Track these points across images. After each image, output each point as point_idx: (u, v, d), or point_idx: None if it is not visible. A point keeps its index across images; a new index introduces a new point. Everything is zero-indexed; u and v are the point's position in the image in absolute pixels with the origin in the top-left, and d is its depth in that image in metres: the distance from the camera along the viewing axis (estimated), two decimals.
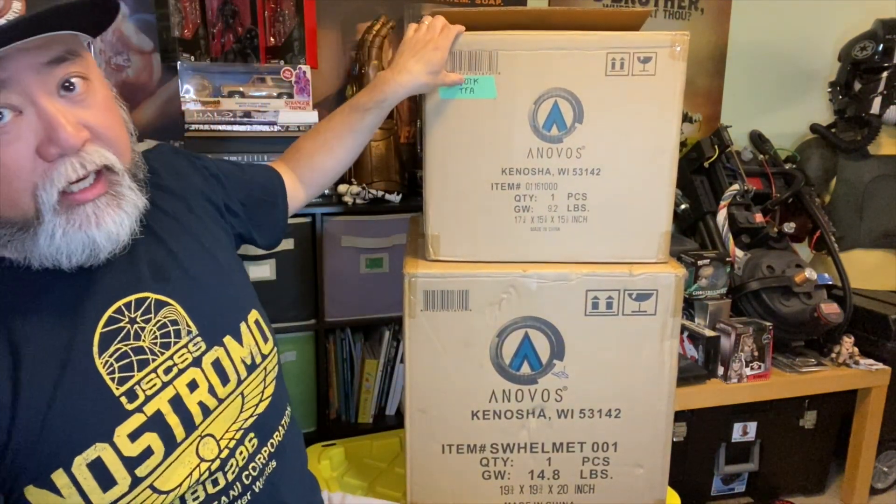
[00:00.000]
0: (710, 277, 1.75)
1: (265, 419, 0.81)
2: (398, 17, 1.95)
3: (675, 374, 1.10)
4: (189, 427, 0.70)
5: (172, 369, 0.71)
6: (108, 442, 0.64)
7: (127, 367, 0.67)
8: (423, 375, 1.09)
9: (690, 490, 1.84)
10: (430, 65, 0.97)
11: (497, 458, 1.13)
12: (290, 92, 1.67)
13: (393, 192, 1.75)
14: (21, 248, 0.61)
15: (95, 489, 0.63)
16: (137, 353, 0.68)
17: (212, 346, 0.75)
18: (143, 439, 0.66)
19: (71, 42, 0.61)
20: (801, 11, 2.37)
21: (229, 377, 0.76)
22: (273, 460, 0.81)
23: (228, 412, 0.75)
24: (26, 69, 0.57)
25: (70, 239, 0.60)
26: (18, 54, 0.56)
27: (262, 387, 0.81)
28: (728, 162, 2.02)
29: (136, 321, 0.69)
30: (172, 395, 0.69)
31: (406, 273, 1.05)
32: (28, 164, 0.58)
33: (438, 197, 1.07)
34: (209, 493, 0.72)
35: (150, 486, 0.66)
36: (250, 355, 0.79)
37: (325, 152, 1.05)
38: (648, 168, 1.04)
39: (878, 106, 2.15)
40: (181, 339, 0.72)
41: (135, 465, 0.65)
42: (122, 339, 0.67)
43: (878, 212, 2.22)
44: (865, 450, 1.89)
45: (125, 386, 0.66)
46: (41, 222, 0.59)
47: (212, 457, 0.72)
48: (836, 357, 1.82)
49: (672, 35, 0.99)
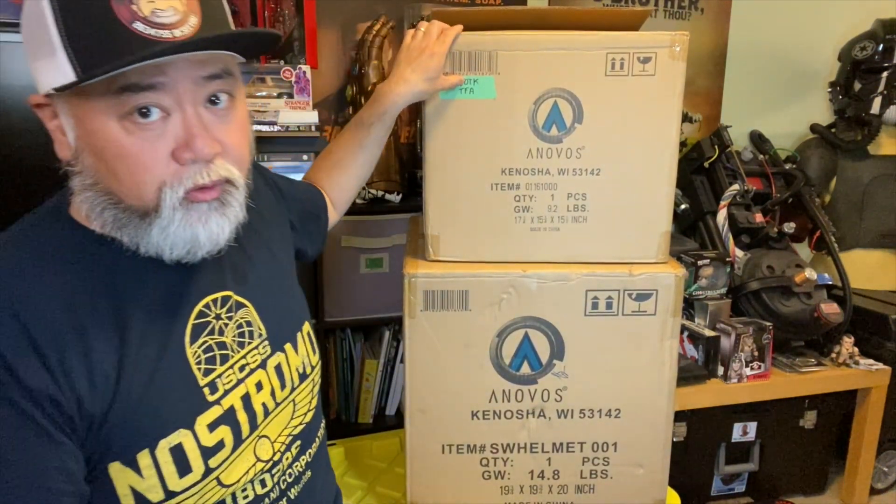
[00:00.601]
0: (710, 277, 1.75)
1: (308, 428, 0.84)
2: (398, 17, 1.95)
3: (675, 374, 1.10)
4: (252, 426, 0.74)
5: (245, 368, 0.75)
6: (190, 429, 0.67)
7: (211, 360, 0.71)
8: (423, 375, 1.09)
9: (690, 490, 1.84)
10: (426, 72, 0.98)
11: (497, 458, 1.13)
12: (290, 92, 1.67)
13: (393, 192, 1.76)
14: (134, 234, 0.65)
15: (173, 474, 0.66)
16: (220, 347, 0.72)
17: (275, 350, 0.79)
18: (218, 431, 0.70)
19: (229, 62, 0.66)
20: (801, 11, 2.37)
21: (286, 383, 0.80)
22: (309, 470, 0.84)
23: (282, 417, 0.79)
24: (185, 79, 0.62)
25: (179, 234, 0.64)
26: (182, 64, 0.62)
27: (310, 397, 0.85)
28: (728, 162, 2.03)
29: (220, 317, 0.74)
30: (244, 393, 0.73)
31: (406, 273, 1.05)
32: (162, 163, 0.63)
33: (438, 197, 1.07)
34: (257, 494, 0.75)
35: (217, 479, 0.70)
36: (303, 365, 0.83)
37: (340, 170, 1.09)
38: (648, 168, 1.04)
39: (878, 106, 2.15)
40: (254, 341, 0.77)
41: (209, 455, 0.69)
42: (208, 333, 0.72)
43: (878, 212, 2.22)
44: (865, 450, 1.89)
45: (209, 378, 0.70)
46: (159, 215, 0.64)
47: (266, 457, 0.76)
48: (836, 357, 1.82)
49: (672, 35, 0.99)
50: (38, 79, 0.64)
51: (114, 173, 0.63)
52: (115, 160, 0.62)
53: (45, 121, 0.66)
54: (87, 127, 0.62)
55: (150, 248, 0.65)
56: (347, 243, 1.72)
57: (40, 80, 0.63)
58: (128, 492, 0.65)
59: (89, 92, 0.60)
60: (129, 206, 0.64)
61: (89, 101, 0.61)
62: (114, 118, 0.61)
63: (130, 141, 0.62)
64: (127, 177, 0.63)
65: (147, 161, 0.62)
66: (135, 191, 0.63)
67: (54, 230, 0.68)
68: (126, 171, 0.63)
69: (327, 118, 1.95)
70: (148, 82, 0.61)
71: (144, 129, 0.62)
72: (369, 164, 1.11)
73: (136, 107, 0.61)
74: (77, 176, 0.65)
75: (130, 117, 0.61)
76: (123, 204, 0.64)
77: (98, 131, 0.62)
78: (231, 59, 0.67)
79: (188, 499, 0.68)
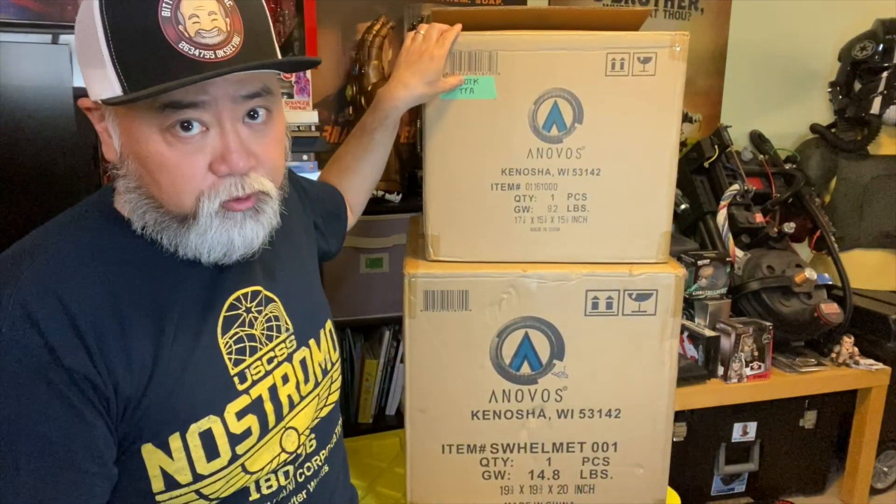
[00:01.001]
0: (710, 277, 1.75)
1: (327, 424, 0.87)
2: (398, 17, 1.95)
3: (675, 374, 1.10)
4: (278, 417, 0.76)
5: (273, 360, 0.78)
6: (220, 416, 0.70)
7: (241, 351, 0.74)
8: (423, 375, 1.09)
9: (690, 490, 1.84)
10: (425, 76, 0.99)
11: (497, 458, 1.13)
12: (290, 92, 1.67)
13: (393, 192, 1.76)
14: (173, 238, 0.68)
15: (202, 458, 0.69)
16: (250, 339, 0.76)
17: (301, 345, 0.82)
18: (246, 420, 0.73)
19: (268, 80, 0.69)
20: (801, 11, 2.37)
21: (310, 378, 0.83)
22: (327, 465, 0.86)
23: (307, 410, 0.82)
24: (225, 97, 0.65)
25: (216, 238, 0.68)
26: (222, 83, 0.64)
27: (329, 393, 0.87)
28: (728, 162, 2.03)
29: (251, 311, 0.77)
30: (271, 385, 0.76)
31: (406, 273, 1.05)
32: (200, 174, 0.66)
33: (438, 197, 1.07)
34: (280, 485, 0.78)
35: (242, 465, 0.72)
36: (325, 361, 0.86)
37: (350, 175, 1.12)
38: (648, 168, 1.04)
39: (878, 106, 2.15)
40: (281, 335, 0.80)
41: (237, 442, 0.71)
42: (239, 325, 0.75)
43: (878, 212, 2.22)
44: (865, 450, 1.89)
45: (238, 367, 0.73)
46: (196, 222, 0.67)
47: (291, 449, 0.79)
48: (836, 357, 1.82)
49: (672, 35, 0.99)
50: (88, 84, 0.66)
51: (156, 181, 0.66)
52: (157, 169, 0.66)
53: (94, 122, 0.70)
54: (131, 136, 0.66)
55: (188, 251, 0.69)
56: (347, 243, 1.70)
57: (91, 87, 0.66)
58: (158, 472, 0.67)
59: (135, 105, 0.63)
60: (169, 211, 0.67)
61: (135, 113, 0.64)
62: (156, 131, 0.64)
63: (171, 153, 0.65)
64: (168, 185, 0.66)
65: (186, 172, 0.66)
66: (175, 199, 0.67)
67: (98, 223, 0.71)
68: (167, 180, 0.66)
69: (327, 118, 1.95)
70: (190, 100, 0.63)
71: (185, 143, 0.65)
72: (378, 168, 1.14)
73: (178, 121, 0.64)
74: (122, 179, 0.68)
75: (172, 130, 0.64)
76: (164, 209, 0.67)
77: (141, 142, 0.65)
78: (271, 77, 0.70)
79: (215, 482, 0.70)
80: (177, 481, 0.68)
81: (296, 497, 0.81)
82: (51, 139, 1.39)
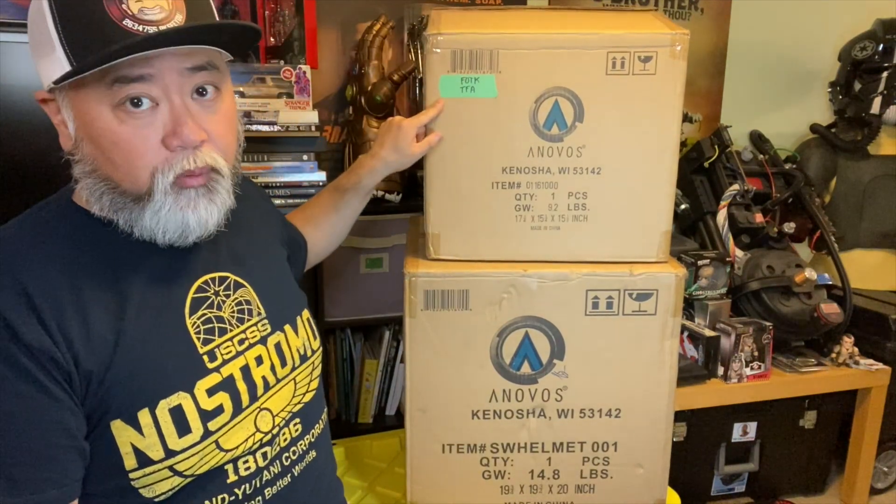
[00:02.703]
0: (710, 277, 1.75)
1: (310, 409, 0.88)
2: (398, 17, 1.95)
3: (675, 374, 1.10)
4: (252, 397, 0.78)
5: (244, 342, 0.79)
6: (190, 392, 0.72)
7: (210, 332, 0.76)
8: (423, 375, 1.09)
9: (690, 490, 1.83)
10: (394, 142, 1.05)
11: (497, 457, 1.13)
12: (290, 92, 1.67)
13: (393, 192, 1.75)
14: (129, 217, 0.70)
15: (173, 434, 0.70)
16: (219, 321, 0.77)
17: (275, 329, 0.84)
18: (217, 397, 0.74)
19: (213, 55, 0.71)
20: (801, 11, 2.37)
21: (286, 361, 0.84)
22: (312, 450, 0.87)
23: (283, 393, 0.83)
24: (171, 70, 0.67)
25: (169, 218, 0.69)
26: (168, 56, 0.66)
27: (309, 379, 0.88)
28: (728, 162, 2.02)
29: (219, 294, 0.79)
30: (243, 365, 0.78)
31: (406, 272, 1.05)
32: (153, 149, 0.68)
33: (439, 196, 1.07)
34: (259, 466, 0.79)
35: (216, 442, 0.73)
36: (303, 347, 0.88)
37: (313, 226, 1.14)
38: (648, 167, 1.04)
39: (878, 106, 2.15)
40: (252, 318, 0.81)
41: (208, 419, 0.72)
42: (207, 307, 0.77)
43: (878, 212, 2.22)
44: (865, 450, 1.89)
45: (208, 347, 0.75)
46: (151, 199, 0.69)
47: (266, 429, 0.79)
48: (836, 357, 1.82)
49: (672, 34, 0.99)
50: (42, 75, 0.68)
51: (110, 160, 0.68)
52: (110, 147, 0.67)
53: (50, 115, 0.72)
54: (84, 117, 0.68)
55: (143, 232, 0.70)
56: (347, 243, 1.72)
57: (43, 77, 0.68)
58: (129, 449, 0.68)
59: (85, 84, 0.66)
60: (125, 191, 0.69)
61: (86, 92, 0.66)
62: (107, 108, 0.66)
63: (123, 129, 0.67)
64: (122, 163, 0.68)
65: (139, 148, 0.67)
66: (130, 176, 0.68)
67: (56, 212, 0.73)
68: (121, 157, 0.68)
69: (327, 118, 1.95)
70: (137, 73, 0.65)
71: (136, 118, 0.67)
72: (340, 229, 1.18)
73: (127, 97, 0.66)
74: (78, 164, 0.70)
75: (122, 107, 0.66)
76: (119, 188, 0.69)
77: (94, 121, 0.67)
78: (216, 54, 0.72)
79: (188, 458, 0.71)
80: (149, 457, 0.69)
81: (281, 480, 0.81)
82: (51, 139, 1.39)
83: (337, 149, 1.95)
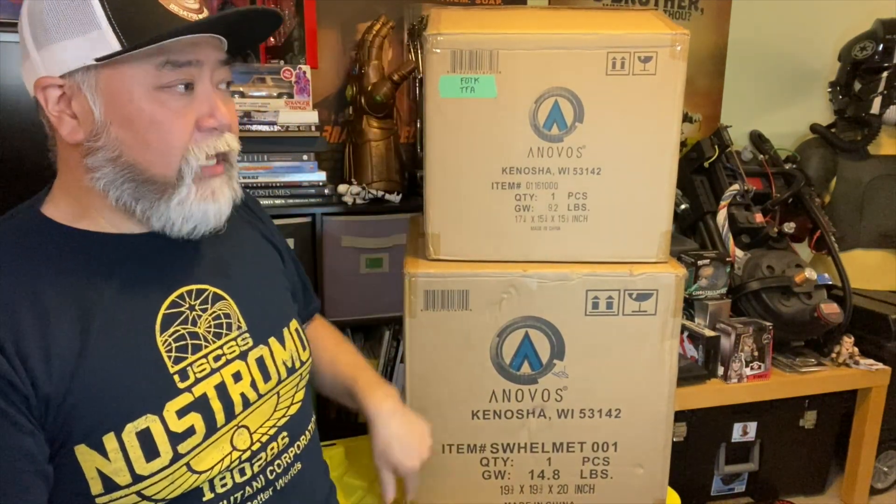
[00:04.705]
0: (710, 277, 1.75)
1: (295, 421, 0.85)
2: (398, 17, 1.95)
3: (675, 374, 1.10)
4: (229, 415, 0.75)
5: (221, 358, 0.76)
6: (158, 415, 0.69)
7: (182, 349, 0.73)
8: (423, 375, 1.09)
9: (690, 490, 1.83)
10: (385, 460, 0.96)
11: (497, 457, 1.13)
12: (290, 92, 1.67)
13: (393, 192, 1.75)
14: (148, 206, 0.70)
15: (140, 458, 0.67)
16: (193, 337, 0.74)
17: (258, 343, 0.81)
18: (188, 418, 0.71)
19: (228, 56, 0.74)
20: (801, 11, 2.37)
21: (271, 375, 0.81)
22: (298, 462, 0.85)
23: (264, 408, 0.80)
24: (210, 60, 0.70)
25: (193, 208, 0.71)
26: (209, 46, 0.70)
27: (295, 390, 0.86)
28: (728, 162, 2.02)
29: (194, 308, 0.76)
30: (218, 382, 0.75)
31: (406, 273, 1.05)
32: (188, 131, 0.70)
33: (439, 196, 1.07)
34: (236, 483, 0.76)
35: (187, 465, 0.70)
36: (291, 359, 0.85)
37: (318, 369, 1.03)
38: (648, 168, 1.04)
39: (878, 106, 2.15)
40: (231, 332, 0.78)
41: (178, 441, 0.69)
42: (180, 323, 0.74)
43: (878, 212, 2.22)
44: (865, 450, 1.89)
45: (179, 365, 0.72)
46: (178, 186, 0.70)
47: (243, 447, 0.76)
48: (836, 357, 1.82)
49: (672, 34, 0.99)
50: (62, 58, 0.66)
51: (144, 142, 0.68)
52: (146, 128, 0.68)
53: (47, 105, 0.68)
54: (119, 98, 0.67)
55: (161, 221, 0.71)
56: (347, 243, 1.72)
57: (66, 59, 0.66)
58: (95, 474, 0.66)
59: (127, 65, 0.66)
60: (151, 177, 0.69)
61: (127, 73, 0.66)
62: (150, 89, 0.67)
63: (163, 111, 0.68)
64: (158, 144, 0.68)
65: (177, 129, 0.69)
66: (163, 158, 0.69)
67: (22, 222, 0.71)
68: (157, 138, 0.68)
69: (327, 118, 1.95)
70: (187, 59, 0.68)
71: (177, 101, 0.68)
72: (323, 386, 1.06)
73: (176, 80, 0.68)
74: (98, 152, 0.68)
75: (167, 89, 0.68)
76: (146, 174, 0.69)
77: (132, 101, 0.67)
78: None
79: (157, 483, 0.68)
80: (115, 483, 0.66)
81: (262, 495, 0.79)
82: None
83: (337, 149, 1.95)
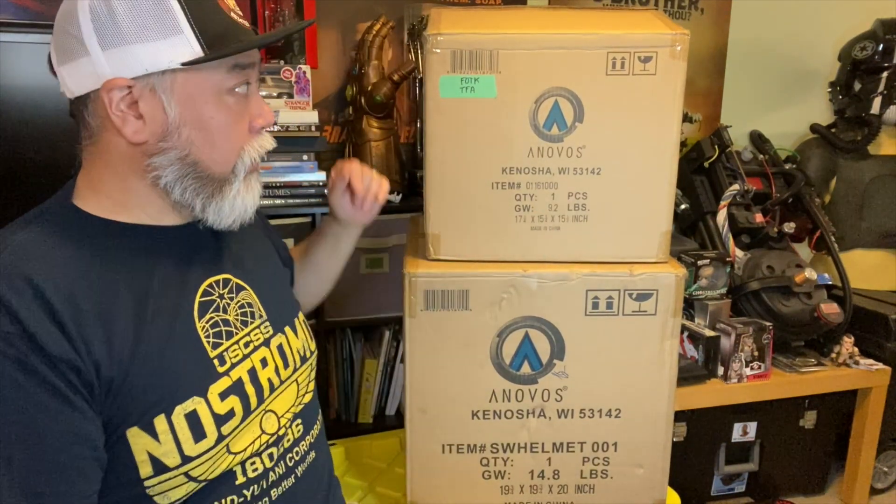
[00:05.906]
0: (710, 277, 1.75)
1: (309, 410, 0.89)
2: (398, 17, 1.95)
3: (675, 374, 1.10)
4: (260, 399, 0.78)
5: (249, 345, 0.79)
6: (204, 397, 0.71)
7: (218, 335, 0.76)
8: (423, 375, 1.09)
9: (690, 490, 1.83)
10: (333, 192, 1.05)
11: (497, 458, 1.13)
12: (290, 92, 1.67)
13: (393, 192, 1.75)
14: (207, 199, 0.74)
15: (189, 439, 0.69)
16: (225, 324, 0.77)
17: (277, 332, 0.85)
18: (229, 401, 0.74)
19: None
20: (801, 11, 2.37)
21: (289, 363, 0.85)
22: (312, 451, 0.88)
23: (287, 394, 0.83)
24: (258, 63, 0.76)
25: (238, 202, 0.76)
26: (256, 51, 0.75)
27: (308, 380, 0.89)
28: (728, 162, 2.02)
29: (223, 297, 0.79)
30: (250, 368, 0.78)
31: (406, 273, 1.05)
32: (246, 130, 0.76)
33: (438, 196, 1.07)
34: (266, 467, 0.79)
35: (227, 446, 0.73)
36: (303, 348, 0.89)
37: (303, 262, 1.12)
38: (648, 168, 1.04)
39: (878, 106, 2.15)
40: (255, 321, 0.82)
41: (222, 423, 0.72)
42: (214, 310, 0.77)
43: (878, 212, 2.22)
44: (865, 450, 1.89)
45: (217, 350, 0.75)
46: (233, 182, 0.75)
47: (271, 431, 0.79)
48: (836, 357, 1.82)
49: (672, 34, 0.99)
50: (138, 60, 0.67)
51: (211, 142, 0.72)
52: (216, 129, 0.72)
53: (110, 105, 0.68)
54: (195, 101, 0.70)
55: (215, 214, 0.75)
56: None
57: (143, 61, 0.67)
58: (145, 457, 0.67)
59: (204, 69, 0.70)
60: (212, 174, 0.73)
61: (203, 77, 0.70)
62: (221, 92, 0.72)
63: (230, 114, 0.73)
64: (223, 144, 0.73)
65: (239, 130, 0.75)
66: (226, 157, 0.74)
67: (61, 216, 0.72)
68: (223, 138, 0.73)
69: (327, 118, 1.95)
70: (248, 62, 0.73)
71: (237, 103, 0.73)
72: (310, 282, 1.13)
73: (241, 81, 0.73)
74: (166, 152, 0.71)
75: (233, 91, 0.73)
76: (207, 172, 0.73)
77: (206, 104, 0.71)
78: None
79: (203, 464, 0.71)
80: (165, 465, 0.68)
81: (285, 481, 0.81)
82: (51, 139, 1.39)
83: (337, 149, 1.95)
